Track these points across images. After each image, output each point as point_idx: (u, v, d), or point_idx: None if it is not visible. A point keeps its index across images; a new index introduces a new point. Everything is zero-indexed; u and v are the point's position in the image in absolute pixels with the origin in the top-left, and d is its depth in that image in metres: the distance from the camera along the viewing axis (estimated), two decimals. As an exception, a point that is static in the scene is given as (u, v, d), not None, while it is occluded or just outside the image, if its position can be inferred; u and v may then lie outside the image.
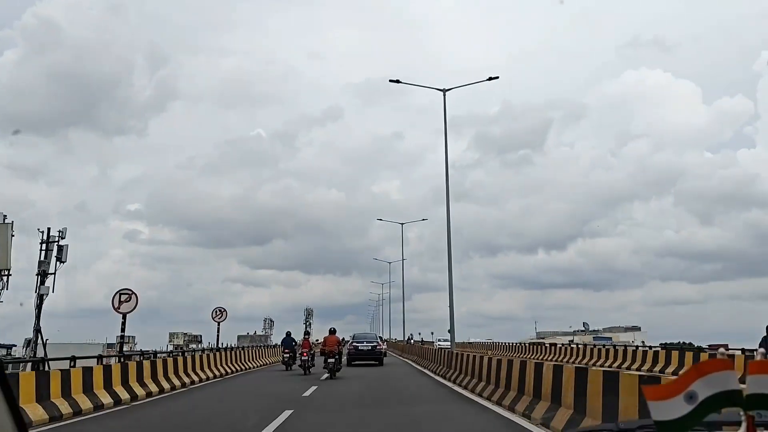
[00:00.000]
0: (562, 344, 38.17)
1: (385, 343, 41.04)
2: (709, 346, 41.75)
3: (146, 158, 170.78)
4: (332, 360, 21.62)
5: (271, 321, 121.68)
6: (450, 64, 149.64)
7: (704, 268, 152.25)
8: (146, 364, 16.47)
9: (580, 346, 35.39)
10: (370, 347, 29.93)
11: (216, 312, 29.49)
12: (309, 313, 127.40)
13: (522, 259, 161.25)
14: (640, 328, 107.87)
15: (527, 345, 44.28)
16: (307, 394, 15.94)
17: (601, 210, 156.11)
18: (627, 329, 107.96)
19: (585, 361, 30.04)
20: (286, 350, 27.30)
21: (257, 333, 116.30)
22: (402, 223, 53.57)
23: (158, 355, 21.39)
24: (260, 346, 39.30)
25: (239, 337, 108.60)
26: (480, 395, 14.02)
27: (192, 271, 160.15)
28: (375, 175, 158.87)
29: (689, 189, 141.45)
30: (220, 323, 29.28)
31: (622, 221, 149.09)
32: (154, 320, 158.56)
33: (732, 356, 22.01)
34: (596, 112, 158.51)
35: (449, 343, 55.07)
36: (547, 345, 40.29)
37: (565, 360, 31.82)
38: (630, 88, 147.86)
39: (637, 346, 35.23)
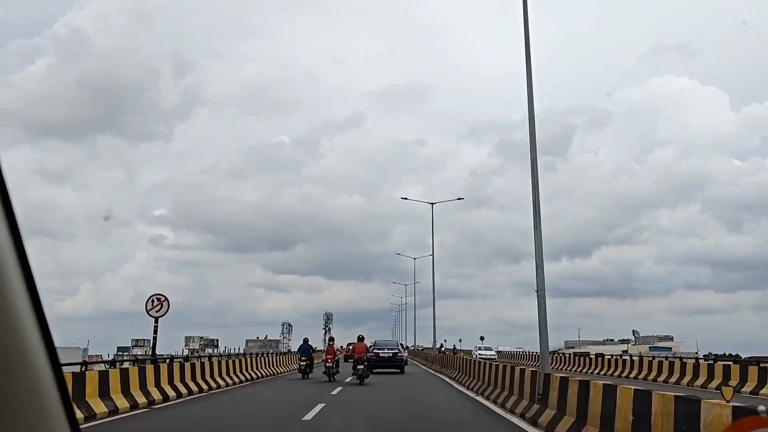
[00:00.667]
0: (617, 355, 33.90)
1: (406, 350, 39.23)
2: (748, 358, 37.97)
3: (171, 164, 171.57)
4: (361, 366, 21.69)
5: (290, 325, 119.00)
6: (471, 70, 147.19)
7: (732, 276, 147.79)
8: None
9: (635, 357, 31.20)
10: (390, 354, 29.21)
11: (152, 301, 17.61)
12: (328, 318, 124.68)
13: (545, 266, 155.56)
14: (672, 337, 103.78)
15: (570, 356, 39.75)
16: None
17: (626, 217, 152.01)
18: (660, 338, 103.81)
19: (654, 376, 26.02)
20: (303, 357, 25.27)
21: (268, 337, 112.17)
22: (432, 203, 45.28)
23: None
24: (271, 353, 36.07)
25: (248, 342, 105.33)
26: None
27: (215, 275, 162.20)
28: (397, 181, 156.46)
29: (716, 196, 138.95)
30: (158, 318, 17.62)
31: (648, 228, 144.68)
32: (178, 324, 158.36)
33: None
34: (620, 119, 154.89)
35: (492, 353, 49.54)
36: (593, 356, 36.10)
37: (635, 376, 27.62)
38: (655, 94, 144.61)
39: (696, 359, 31.05)
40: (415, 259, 65.00)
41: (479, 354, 43.15)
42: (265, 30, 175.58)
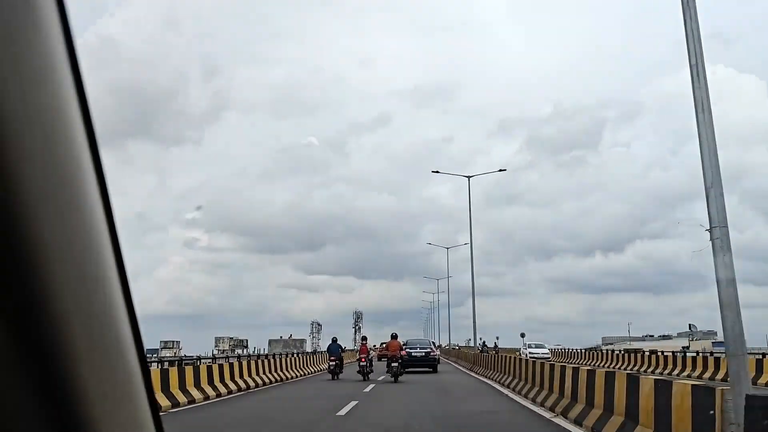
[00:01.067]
0: (673, 352, 30.80)
1: (438, 349, 37.56)
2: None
3: (202, 167, 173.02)
4: (396, 364, 22.00)
5: (319, 325, 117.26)
6: (500, 67, 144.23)
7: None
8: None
9: (696, 355, 28.10)
10: (423, 353, 29.10)
11: None
12: (358, 317, 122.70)
13: (578, 262, 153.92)
14: (716, 332, 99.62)
15: (621, 354, 36.44)
16: None
17: (660, 211, 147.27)
18: (705, 333, 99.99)
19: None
20: (332, 357, 24.67)
21: (292, 337, 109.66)
22: (469, 177, 39.97)
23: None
24: (295, 353, 33.95)
25: (270, 342, 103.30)
26: None
27: (248, 277, 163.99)
28: (426, 179, 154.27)
29: (755, 187, 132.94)
30: None
31: (683, 222, 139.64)
32: (209, 324, 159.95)
33: None
34: (653, 111, 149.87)
35: (545, 351, 43.54)
36: (647, 353, 33.01)
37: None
38: (689, 83, 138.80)
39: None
40: (447, 249, 60.25)
41: (529, 352, 38.84)
42: (292, 33, 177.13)
